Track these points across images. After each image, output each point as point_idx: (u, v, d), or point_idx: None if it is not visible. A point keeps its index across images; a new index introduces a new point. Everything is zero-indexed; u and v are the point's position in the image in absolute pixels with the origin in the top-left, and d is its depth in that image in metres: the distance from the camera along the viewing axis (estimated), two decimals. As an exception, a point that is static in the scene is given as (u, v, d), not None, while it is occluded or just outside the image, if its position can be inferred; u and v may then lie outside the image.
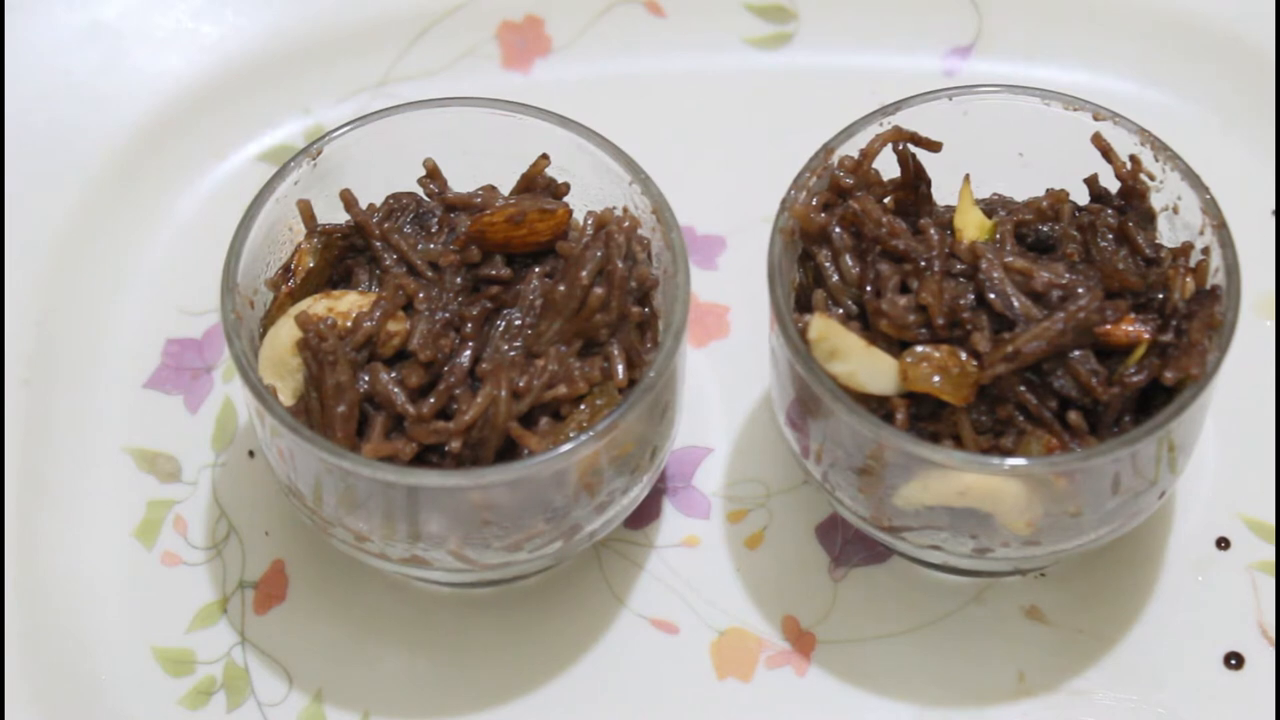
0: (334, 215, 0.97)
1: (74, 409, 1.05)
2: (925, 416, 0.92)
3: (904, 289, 0.93)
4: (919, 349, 0.91)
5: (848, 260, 0.94)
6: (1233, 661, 0.98)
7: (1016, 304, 0.91)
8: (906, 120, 0.97)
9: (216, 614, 1.01)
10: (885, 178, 0.97)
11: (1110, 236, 0.95)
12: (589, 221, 0.96)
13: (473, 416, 0.90)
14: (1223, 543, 1.01)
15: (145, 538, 1.02)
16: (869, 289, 0.93)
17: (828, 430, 0.93)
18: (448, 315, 0.93)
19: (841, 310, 0.94)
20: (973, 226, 0.95)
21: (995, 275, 0.92)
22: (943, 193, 0.98)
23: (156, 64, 1.13)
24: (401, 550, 0.93)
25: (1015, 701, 0.98)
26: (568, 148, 0.97)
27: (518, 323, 0.93)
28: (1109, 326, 0.91)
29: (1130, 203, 0.96)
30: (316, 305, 0.93)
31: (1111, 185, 0.97)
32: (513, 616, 1.00)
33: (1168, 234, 0.96)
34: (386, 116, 0.98)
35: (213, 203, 1.12)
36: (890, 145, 0.97)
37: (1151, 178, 0.96)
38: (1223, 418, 1.03)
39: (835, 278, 0.94)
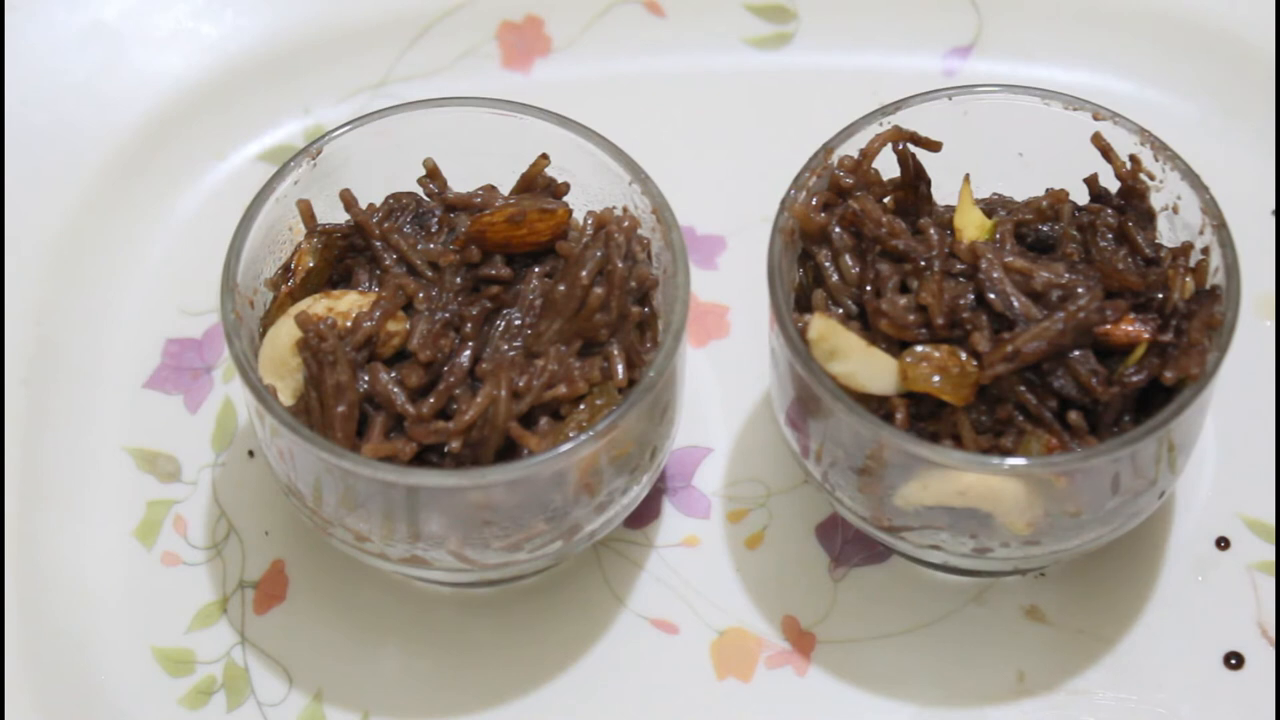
0: (334, 215, 0.97)
1: (74, 409, 1.05)
2: (925, 416, 0.92)
3: (904, 289, 0.93)
4: (919, 349, 0.91)
5: (848, 260, 0.94)
6: (1233, 661, 0.98)
7: (1016, 304, 0.91)
8: (906, 120, 0.97)
9: (216, 614, 1.01)
10: (885, 178, 0.97)
11: (1110, 236, 0.95)
12: (589, 221, 0.96)
13: (473, 416, 0.90)
14: (1223, 543, 1.01)
15: (145, 538, 1.02)
16: (869, 289, 0.93)
17: (828, 430, 0.93)
18: (448, 315, 0.93)
19: (841, 310, 0.94)
20: (973, 226, 0.95)
21: (995, 275, 0.92)
22: (943, 193, 0.98)
23: (156, 64, 1.13)
24: (401, 550, 0.93)
25: (1015, 701, 0.98)
26: (568, 148, 0.97)
27: (518, 323, 0.93)
28: (1109, 326, 0.91)
29: (1130, 202, 0.96)
30: (316, 305, 0.93)
31: (1111, 185, 0.97)
32: (513, 616, 1.00)
33: (1168, 234, 0.96)
34: (386, 116, 0.98)
35: (213, 203, 1.12)
36: (890, 145, 0.97)
37: (1151, 177, 0.96)
38: (1223, 418, 1.03)
39: (835, 278, 0.94)
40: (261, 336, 0.94)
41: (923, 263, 0.93)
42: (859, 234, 0.94)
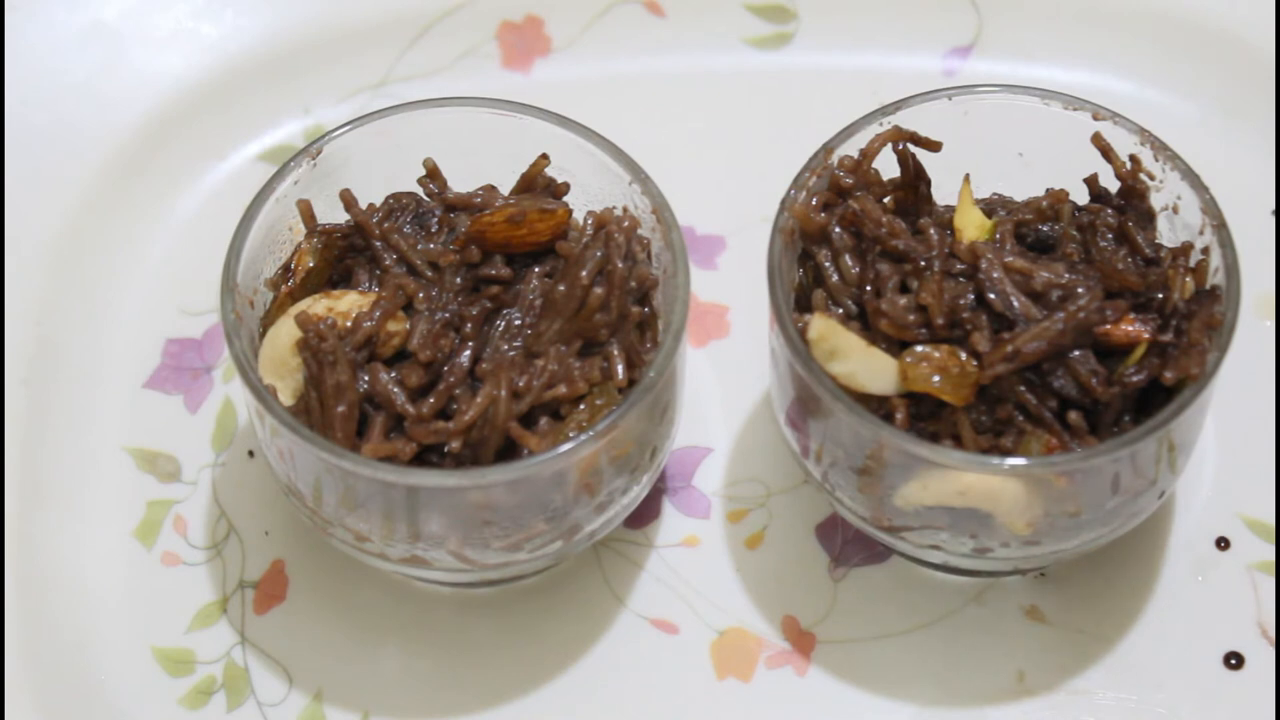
0: (334, 215, 0.97)
1: (74, 409, 1.05)
2: (925, 416, 0.92)
3: (904, 289, 0.93)
4: (919, 349, 0.91)
5: (848, 260, 0.94)
6: (1233, 661, 0.98)
7: (1016, 304, 0.91)
8: (906, 120, 0.97)
9: (216, 614, 1.01)
10: (885, 178, 0.97)
11: (1110, 236, 0.95)
12: (589, 221, 0.96)
13: (473, 416, 0.90)
14: (1223, 543, 1.01)
15: (145, 538, 1.02)
16: (869, 289, 0.93)
17: (828, 430, 0.93)
18: (448, 315, 0.93)
19: (841, 310, 0.94)
20: (973, 226, 0.95)
21: (995, 275, 0.92)
22: (943, 193, 0.98)
23: (156, 64, 1.13)
24: (401, 550, 0.93)
25: (1015, 701, 0.98)
26: (568, 148, 0.97)
27: (518, 323, 0.93)
28: (1109, 326, 0.91)
29: (1130, 202, 0.96)
30: (316, 305, 0.93)
31: (1111, 185, 0.97)
32: (513, 616, 1.00)
33: (1168, 234, 0.96)
34: (386, 116, 0.98)
35: (213, 203, 1.12)
36: (890, 145, 0.97)
37: (1151, 177, 0.96)
38: (1223, 418, 1.03)
39: (835, 278, 0.94)
40: (261, 336, 0.94)
41: (923, 263, 0.93)
42: (859, 234, 0.94)
